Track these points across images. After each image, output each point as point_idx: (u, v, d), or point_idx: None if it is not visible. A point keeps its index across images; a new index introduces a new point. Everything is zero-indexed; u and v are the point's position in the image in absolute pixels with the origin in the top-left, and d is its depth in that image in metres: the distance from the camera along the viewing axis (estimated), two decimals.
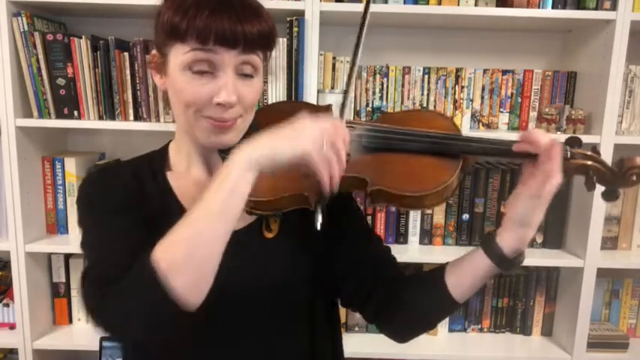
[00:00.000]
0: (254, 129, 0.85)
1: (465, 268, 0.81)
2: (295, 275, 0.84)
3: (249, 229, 0.85)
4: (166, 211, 0.83)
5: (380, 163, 0.80)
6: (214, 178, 0.68)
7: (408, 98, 1.69)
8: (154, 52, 0.81)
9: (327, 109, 0.93)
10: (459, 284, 0.81)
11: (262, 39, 0.76)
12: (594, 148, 0.80)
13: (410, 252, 1.67)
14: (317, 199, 0.73)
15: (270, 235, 0.85)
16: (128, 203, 0.81)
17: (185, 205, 0.85)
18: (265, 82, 1.54)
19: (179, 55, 0.74)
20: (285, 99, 1.54)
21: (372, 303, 0.90)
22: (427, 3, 1.54)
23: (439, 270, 0.85)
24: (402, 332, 0.91)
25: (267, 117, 0.88)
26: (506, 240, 0.77)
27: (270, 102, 1.56)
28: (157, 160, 0.90)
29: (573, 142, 0.79)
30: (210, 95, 0.75)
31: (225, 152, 0.83)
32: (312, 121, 0.71)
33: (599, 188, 0.80)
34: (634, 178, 0.76)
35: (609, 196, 0.79)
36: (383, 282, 0.89)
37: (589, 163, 0.78)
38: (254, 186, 0.80)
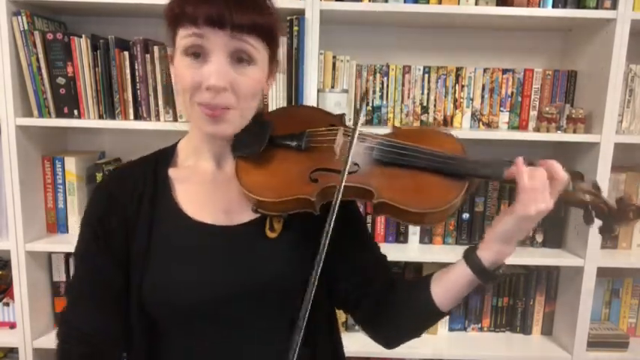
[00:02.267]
0: (268, 129, 0.85)
1: (449, 278, 0.84)
2: (293, 277, 0.84)
3: (251, 226, 0.85)
4: (161, 213, 0.84)
5: (388, 176, 0.81)
6: None
7: (409, 97, 1.69)
8: (169, 48, 0.83)
9: (340, 118, 0.92)
10: (444, 294, 0.84)
11: (255, 26, 0.76)
12: (595, 183, 0.81)
13: (410, 251, 1.67)
14: None
15: (272, 235, 0.85)
16: (114, 239, 0.83)
17: (181, 206, 0.85)
18: None
19: (179, 41, 0.77)
20: (285, 98, 1.54)
21: (361, 308, 0.93)
22: (427, 2, 1.54)
23: (425, 280, 0.87)
24: (387, 339, 0.95)
25: (281, 121, 0.86)
26: (486, 253, 0.79)
27: (269, 101, 1.56)
28: (163, 158, 0.90)
29: (575, 177, 0.80)
30: (201, 80, 0.76)
31: (237, 151, 0.83)
32: None
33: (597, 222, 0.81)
34: (631, 215, 0.78)
35: (606, 232, 0.81)
36: (373, 289, 0.91)
37: (588, 198, 0.79)
38: (259, 184, 0.79)
